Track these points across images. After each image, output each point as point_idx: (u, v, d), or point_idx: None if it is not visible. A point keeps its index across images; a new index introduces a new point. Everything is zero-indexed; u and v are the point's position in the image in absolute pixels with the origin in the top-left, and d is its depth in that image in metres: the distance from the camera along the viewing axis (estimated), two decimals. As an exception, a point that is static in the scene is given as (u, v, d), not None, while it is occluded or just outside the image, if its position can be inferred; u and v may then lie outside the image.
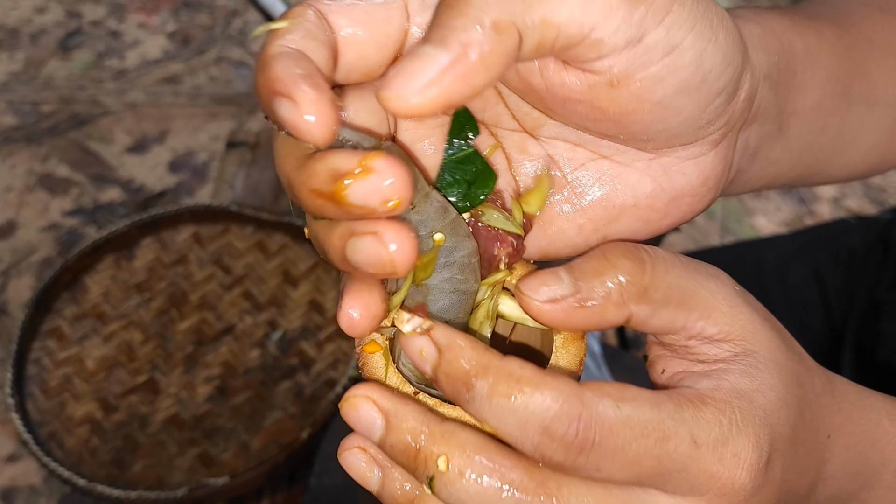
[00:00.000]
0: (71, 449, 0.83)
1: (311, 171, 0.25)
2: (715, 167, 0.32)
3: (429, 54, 0.24)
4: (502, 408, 0.26)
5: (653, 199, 0.31)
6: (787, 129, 0.40)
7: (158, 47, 2.64)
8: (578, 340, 0.31)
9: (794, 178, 0.45)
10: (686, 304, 0.31)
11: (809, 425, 0.33)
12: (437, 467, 0.26)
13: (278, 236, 1.01)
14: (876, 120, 0.50)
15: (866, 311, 0.94)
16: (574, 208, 0.31)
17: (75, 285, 0.97)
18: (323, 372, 0.88)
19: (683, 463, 0.27)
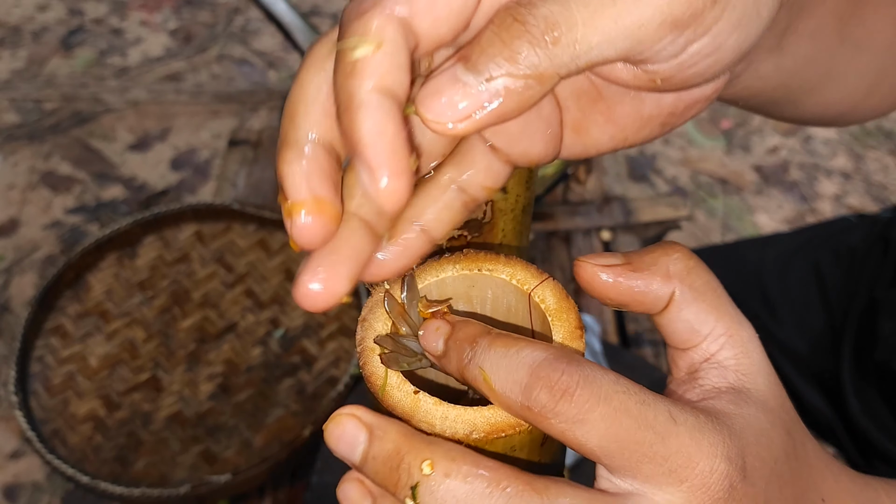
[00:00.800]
0: (74, 446, 0.83)
1: None
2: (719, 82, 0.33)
3: (469, 84, 0.26)
4: (498, 355, 0.28)
5: (673, 108, 0.33)
6: (784, 48, 0.40)
7: (160, 45, 2.65)
8: (578, 340, 0.31)
9: (770, 101, 0.46)
10: (718, 309, 0.32)
11: (798, 476, 0.33)
12: (422, 472, 0.27)
13: (280, 234, 1.02)
14: (861, 65, 0.50)
15: (865, 310, 0.94)
16: (607, 120, 0.33)
17: (78, 283, 0.97)
18: (325, 370, 0.89)
19: (662, 433, 0.27)
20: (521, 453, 0.30)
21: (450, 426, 0.29)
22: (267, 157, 1.16)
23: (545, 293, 0.33)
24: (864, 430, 0.93)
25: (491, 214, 0.38)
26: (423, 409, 0.29)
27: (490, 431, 0.28)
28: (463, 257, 0.35)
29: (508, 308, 0.35)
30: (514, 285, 0.34)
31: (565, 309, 0.32)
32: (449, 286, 0.35)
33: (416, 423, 0.29)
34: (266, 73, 2.57)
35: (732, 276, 1.05)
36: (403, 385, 0.30)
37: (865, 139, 2.30)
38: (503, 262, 0.34)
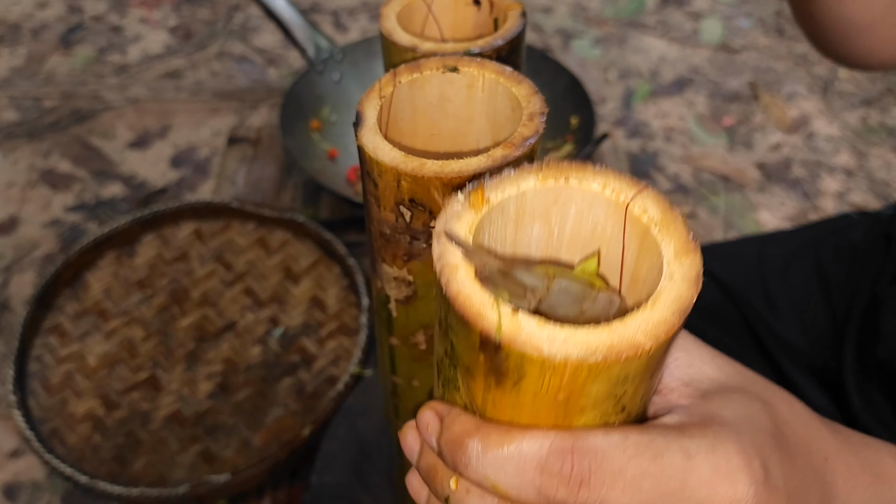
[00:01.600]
0: (73, 446, 0.83)
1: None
2: None
3: None
4: (498, 458, 0.27)
5: None
6: None
7: (160, 42, 2.64)
8: (693, 252, 0.27)
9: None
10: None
11: (794, 441, 0.33)
12: (450, 487, 0.28)
13: (279, 232, 1.01)
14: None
15: (867, 307, 0.93)
16: None
17: (77, 282, 0.97)
18: (324, 369, 0.88)
19: (681, 477, 0.27)
20: (631, 386, 0.27)
21: (560, 349, 0.24)
22: (266, 154, 1.15)
23: (647, 203, 0.29)
24: (867, 428, 0.92)
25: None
26: (527, 330, 0.25)
27: (609, 353, 0.24)
28: (547, 166, 0.30)
29: (594, 227, 0.31)
30: (607, 197, 0.29)
31: (672, 219, 0.28)
32: (528, 202, 0.30)
33: (521, 347, 0.24)
34: (266, 70, 2.57)
35: (734, 273, 1.04)
36: (499, 304, 0.25)
37: (868, 136, 2.29)
38: (593, 172, 0.30)
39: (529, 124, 0.38)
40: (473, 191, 0.29)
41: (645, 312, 0.25)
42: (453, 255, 0.27)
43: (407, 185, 0.36)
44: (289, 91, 1.09)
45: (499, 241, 0.31)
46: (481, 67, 0.41)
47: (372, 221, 0.41)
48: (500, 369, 0.26)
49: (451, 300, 0.26)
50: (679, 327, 0.25)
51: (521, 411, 0.27)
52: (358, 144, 0.37)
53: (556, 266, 0.31)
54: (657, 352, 0.25)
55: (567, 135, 1.08)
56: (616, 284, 0.31)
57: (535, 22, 2.71)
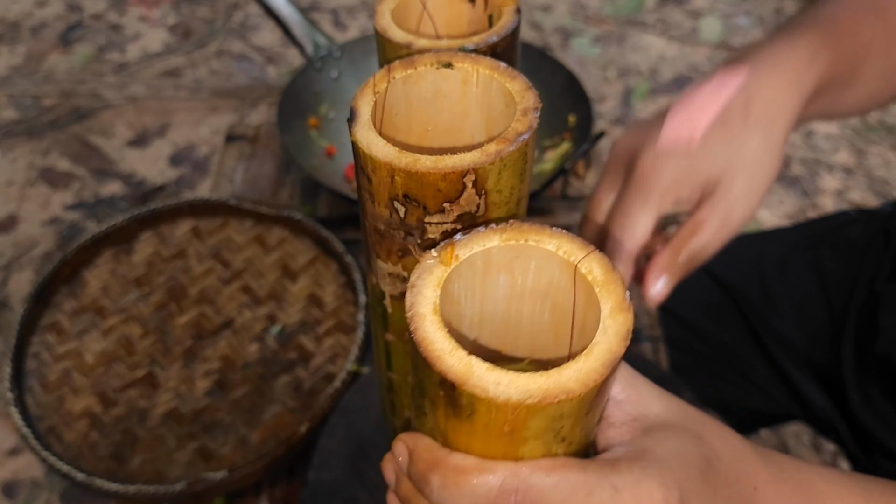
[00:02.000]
0: (70, 443, 0.83)
1: None
2: None
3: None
4: (455, 494, 0.32)
5: None
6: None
7: (159, 40, 2.64)
8: (626, 311, 0.32)
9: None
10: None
11: (724, 473, 0.37)
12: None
13: (277, 230, 1.01)
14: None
15: (865, 303, 0.94)
16: None
17: (74, 280, 0.97)
18: (322, 366, 0.88)
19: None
20: (568, 422, 0.31)
21: (503, 391, 0.29)
22: (264, 152, 1.15)
23: (592, 265, 0.34)
24: (865, 424, 0.92)
25: (485, 208, 0.38)
26: (477, 373, 0.30)
27: (543, 397, 0.29)
28: (509, 227, 0.36)
29: (550, 280, 0.36)
30: (560, 256, 0.35)
31: (612, 280, 0.33)
32: (494, 256, 0.36)
33: (470, 388, 0.29)
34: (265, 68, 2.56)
35: (733, 270, 1.04)
36: (456, 350, 0.31)
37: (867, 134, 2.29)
38: (549, 234, 0.35)
39: (523, 119, 0.38)
40: (444, 248, 0.35)
41: (579, 363, 0.30)
42: (423, 305, 0.32)
43: (401, 180, 0.36)
44: (287, 88, 1.09)
45: (469, 289, 0.36)
46: (475, 63, 0.41)
47: (366, 217, 0.41)
48: (456, 403, 0.31)
49: (417, 344, 0.31)
50: (608, 376, 0.30)
51: (475, 438, 0.32)
52: (352, 140, 0.37)
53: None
54: (587, 395, 0.30)
55: (564, 132, 1.08)
56: (569, 332, 0.36)
57: (534, 20, 2.71)
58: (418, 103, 0.42)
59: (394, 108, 0.41)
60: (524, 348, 0.40)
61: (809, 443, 1.63)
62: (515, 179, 0.38)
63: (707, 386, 1.04)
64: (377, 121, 0.40)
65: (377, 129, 0.39)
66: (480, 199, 0.37)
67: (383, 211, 0.38)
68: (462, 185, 0.36)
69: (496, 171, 0.36)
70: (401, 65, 0.41)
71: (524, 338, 0.40)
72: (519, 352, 0.40)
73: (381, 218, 0.39)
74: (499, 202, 0.38)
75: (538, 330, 0.39)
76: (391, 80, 0.40)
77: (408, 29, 0.52)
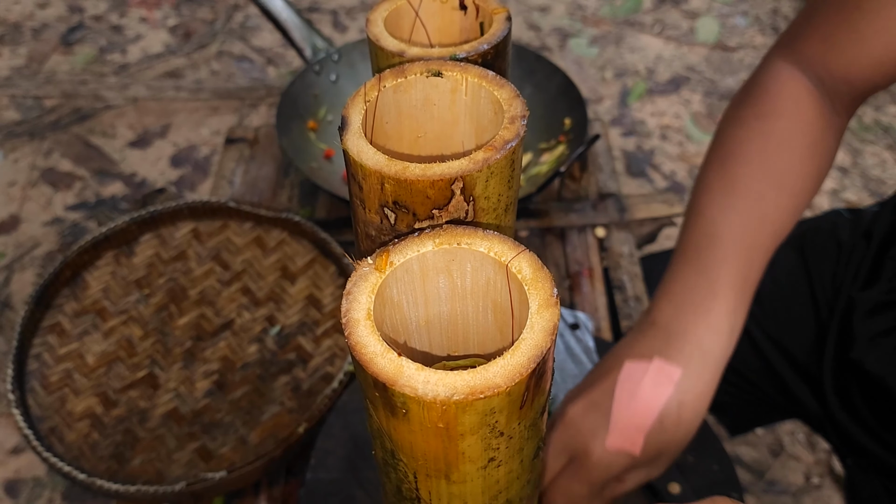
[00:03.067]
0: (71, 443, 0.84)
1: None
2: None
3: None
4: None
5: None
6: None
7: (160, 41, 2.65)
8: (552, 307, 0.33)
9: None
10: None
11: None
12: None
13: (276, 232, 1.02)
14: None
15: (846, 309, 0.94)
16: None
17: (75, 281, 0.98)
18: (320, 367, 0.89)
19: None
20: (501, 416, 0.32)
21: (431, 389, 0.30)
22: (263, 154, 1.16)
23: (521, 264, 0.35)
24: (846, 428, 0.93)
25: (473, 214, 0.39)
26: (406, 373, 0.31)
27: (470, 393, 0.30)
28: (442, 232, 0.37)
29: (487, 281, 0.37)
30: (493, 258, 0.36)
31: (540, 278, 0.34)
32: (430, 260, 0.37)
33: (400, 388, 0.30)
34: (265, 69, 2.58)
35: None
36: (387, 353, 0.32)
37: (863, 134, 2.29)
38: (481, 236, 0.36)
39: (511, 127, 0.39)
40: (379, 255, 0.36)
41: (506, 358, 0.31)
42: (358, 311, 0.33)
43: (391, 187, 0.37)
44: (285, 91, 1.10)
45: (409, 294, 0.37)
46: (464, 72, 0.42)
47: (358, 223, 0.42)
48: (391, 404, 0.32)
49: (351, 348, 0.32)
50: (534, 369, 0.31)
51: (415, 436, 0.33)
52: (343, 148, 0.38)
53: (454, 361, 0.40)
54: (515, 390, 0.31)
55: (560, 135, 1.09)
56: (510, 331, 0.38)
57: (532, 21, 2.72)
58: (408, 111, 0.43)
59: (384, 117, 0.42)
60: (474, 347, 0.42)
61: (805, 440, 1.64)
62: (503, 186, 0.39)
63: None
64: (368, 129, 0.41)
65: (368, 137, 0.40)
66: (469, 206, 0.38)
67: (374, 217, 0.40)
68: (450, 193, 0.37)
69: (483, 179, 0.37)
70: (391, 74, 0.42)
71: (472, 337, 0.41)
72: (470, 350, 0.42)
73: (373, 224, 0.40)
74: (487, 208, 0.39)
75: (484, 329, 0.40)
76: (381, 88, 0.41)
77: (401, 37, 0.53)
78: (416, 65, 0.42)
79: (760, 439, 1.63)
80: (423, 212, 0.38)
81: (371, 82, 0.41)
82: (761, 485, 1.57)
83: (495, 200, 0.39)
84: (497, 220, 0.40)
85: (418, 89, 0.43)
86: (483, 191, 0.38)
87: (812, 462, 1.60)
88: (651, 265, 1.08)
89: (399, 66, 0.42)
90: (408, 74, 0.42)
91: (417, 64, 0.42)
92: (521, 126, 0.39)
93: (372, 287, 0.35)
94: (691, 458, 0.76)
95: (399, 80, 0.42)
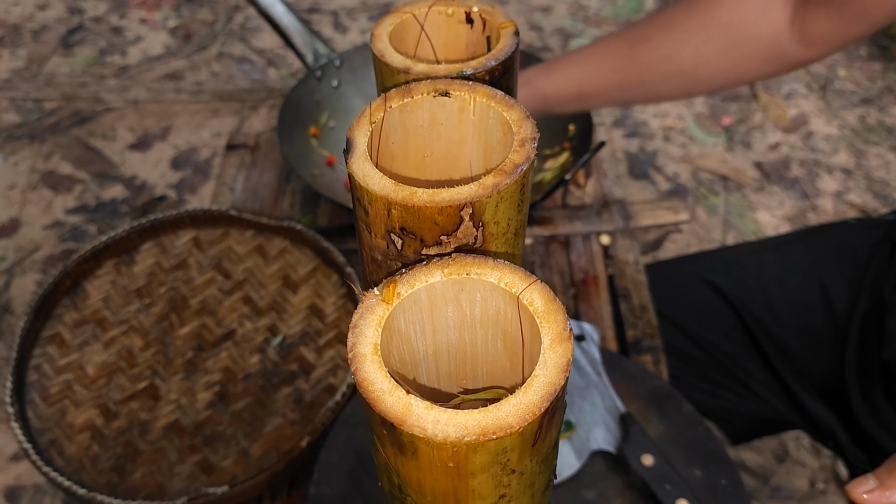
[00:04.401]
0: (71, 456, 0.83)
1: None
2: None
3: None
4: None
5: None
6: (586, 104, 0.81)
7: (160, 43, 2.64)
8: (566, 342, 0.32)
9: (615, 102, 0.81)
10: None
11: None
12: None
13: (278, 240, 1.01)
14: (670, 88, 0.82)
15: (870, 311, 0.94)
16: None
17: (75, 291, 0.97)
18: (322, 378, 0.88)
19: None
20: (513, 454, 0.31)
21: (441, 429, 0.29)
22: (265, 160, 1.15)
23: (533, 296, 0.34)
24: (869, 431, 0.93)
25: (482, 239, 0.38)
26: (415, 413, 0.30)
27: (481, 433, 0.29)
28: (451, 262, 0.36)
29: (497, 311, 0.36)
30: (503, 289, 0.35)
31: (553, 311, 0.33)
32: (438, 290, 0.36)
33: (409, 428, 0.30)
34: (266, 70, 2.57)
35: (733, 279, 1.04)
36: (395, 390, 0.31)
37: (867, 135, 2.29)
38: (491, 266, 0.35)
39: (521, 150, 0.38)
40: (386, 286, 0.35)
41: (518, 397, 0.30)
42: (364, 345, 0.32)
43: (397, 213, 0.36)
44: (287, 97, 1.09)
45: (417, 324, 0.36)
46: (472, 91, 0.41)
47: (364, 246, 0.41)
48: (399, 442, 0.31)
49: (358, 385, 0.31)
50: (547, 408, 0.30)
51: (424, 473, 0.32)
52: (348, 172, 0.37)
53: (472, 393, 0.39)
54: (528, 429, 0.30)
55: (564, 142, 1.08)
56: (520, 362, 0.36)
57: (534, 21, 2.71)
58: (415, 131, 0.42)
59: (390, 137, 0.41)
60: (484, 377, 0.40)
61: (810, 446, 1.63)
62: (513, 211, 0.38)
63: (706, 394, 1.04)
64: (373, 150, 0.40)
65: (374, 157, 0.39)
66: (478, 232, 0.37)
67: (380, 242, 0.39)
68: (459, 219, 0.36)
69: (493, 204, 0.36)
70: (397, 93, 0.41)
71: (482, 366, 0.40)
72: (479, 381, 0.41)
73: (379, 249, 0.39)
74: (496, 233, 0.38)
75: (494, 358, 0.39)
76: (387, 109, 0.40)
77: (406, 51, 0.52)
78: (423, 84, 0.41)
79: (765, 444, 1.63)
80: (430, 238, 0.37)
81: (377, 102, 0.41)
82: (766, 490, 1.56)
83: (505, 225, 0.38)
84: (507, 246, 0.39)
85: (425, 109, 0.42)
86: (493, 216, 0.37)
87: (817, 468, 1.60)
88: (656, 273, 1.07)
89: (405, 86, 0.41)
90: (414, 94, 0.41)
91: (424, 83, 0.41)
92: (531, 149, 0.38)
93: (379, 320, 0.34)
94: (699, 472, 0.75)
95: (405, 99, 0.41)
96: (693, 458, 0.77)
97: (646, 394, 0.82)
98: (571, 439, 0.78)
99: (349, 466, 0.76)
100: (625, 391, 0.82)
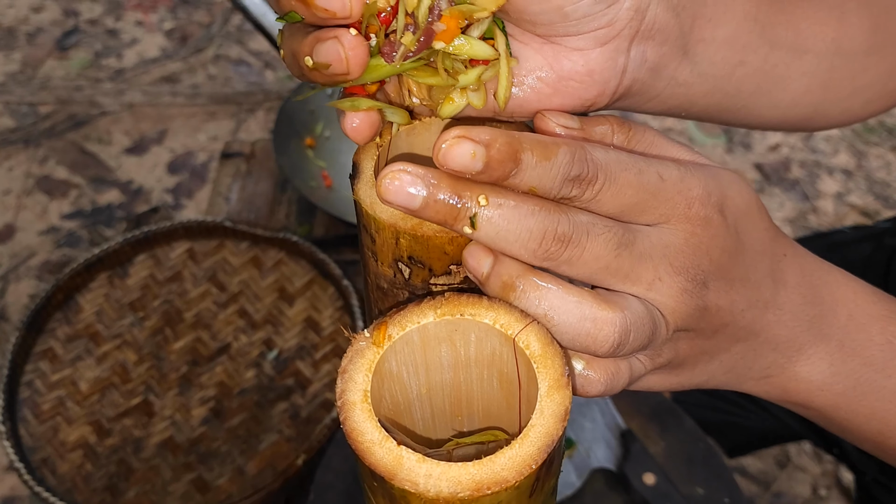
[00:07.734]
0: (64, 475, 0.82)
1: None
2: (600, 63, 0.38)
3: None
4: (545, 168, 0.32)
5: (542, 74, 0.38)
6: (695, 55, 0.45)
7: (156, 45, 2.62)
8: (564, 389, 0.31)
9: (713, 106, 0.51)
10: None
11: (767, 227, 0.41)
12: (479, 203, 0.31)
13: (273, 252, 1.00)
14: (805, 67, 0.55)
15: None
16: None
17: (68, 305, 0.96)
18: (319, 393, 0.87)
19: (652, 191, 0.35)
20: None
21: (434, 484, 0.28)
22: (260, 170, 1.14)
23: (529, 338, 0.33)
24: None
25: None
26: (407, 466, 0.29)
27: (476, 489, 0.28)
28: (445, 301, 0.34)
29: (493, 352, 0.35)
30: (498, 330, 0.33)
31: (550, 355, 0.32)
32: (431, 331, 0.34)
33: (400, 483, 0.29)
34: (263, 73, 2.55)
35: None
36: (386, 441, 0.30)
37: (867, 136, 2.28)
38: (486, 306, 0.34)
39: None
40: (376, 328, 0.33)
41: (513, 449, 0.29)
42: (354, 392, 0.31)
43: (406, 242, 0.35)
44: (282, 108, 1.08)
45: (410, 364, 0.35)
46: None
47: (369, 274, 0.39)
48: (390, 495, 0.30)
49: (347, 434, 0.30)
50: (545, 460, 0.29)
51: None
52: (354, 199, 0.36)
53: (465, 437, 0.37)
54: (524, 483, 0.29)
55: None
56: (517, 402, 0.35)
57: (532, 23, 2.70)
58: (422, 152, 0.41)
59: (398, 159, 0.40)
60: (480, 415, 0.39)
61: (812, 452, 1.62)
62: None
63: (710, 407, 1.03)
64: (380, 174, 0.39)
65: (380, 182, 0.38)
66: (489, 261, 0.36)
67: (387, 271, 0.37)
68: (470, 249, 0.35)
69: None
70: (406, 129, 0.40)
71: (478, 404, 0.38)
72: (475, 418, 0.39)
73: (385, 277, 0.38)
74: None
75: (490, 397, 0.38)
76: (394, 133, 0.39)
77: None
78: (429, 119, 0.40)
79: (766, 451, 1.62)
80: (439, 267, 0.36)
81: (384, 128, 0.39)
82: (768, 497, 1.55)
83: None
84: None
85: (432, 132, 0.40)
86: None
87: (819, 473, 1.59)
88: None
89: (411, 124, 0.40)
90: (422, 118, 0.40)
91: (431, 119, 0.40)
92: None
93: (369, 364, 0.33)
94: (701, 490, 0.74)
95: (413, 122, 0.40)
96: (695, 476, 0.75)
97: (647, 409, 0.80)
98: (571, 457, 0.77)
99: (346, 487, 0.75)
100: (626, 407, 0.81)
